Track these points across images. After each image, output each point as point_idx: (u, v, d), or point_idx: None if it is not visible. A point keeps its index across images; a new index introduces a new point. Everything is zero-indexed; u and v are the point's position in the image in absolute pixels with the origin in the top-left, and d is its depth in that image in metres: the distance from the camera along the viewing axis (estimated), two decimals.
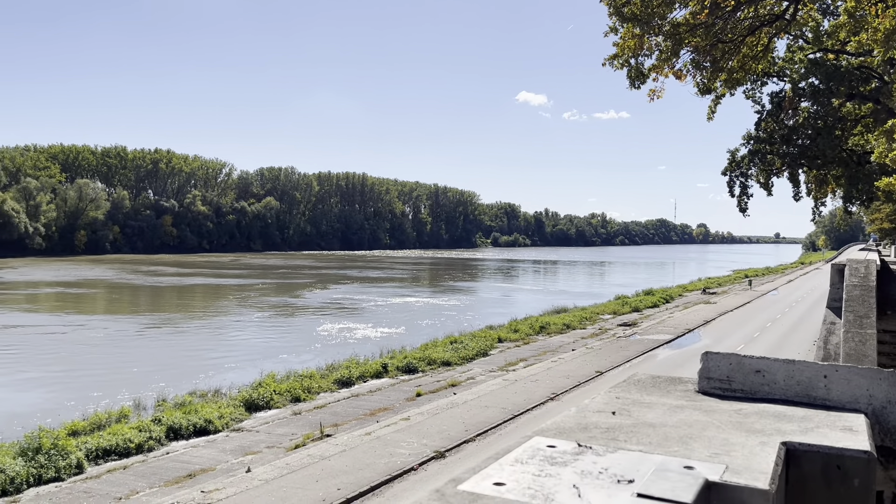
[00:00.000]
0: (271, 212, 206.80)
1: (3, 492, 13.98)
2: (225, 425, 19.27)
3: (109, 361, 31.72)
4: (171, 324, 45.39)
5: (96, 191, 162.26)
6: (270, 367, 26.33)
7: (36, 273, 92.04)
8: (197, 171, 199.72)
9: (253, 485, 13.85)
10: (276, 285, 78.28)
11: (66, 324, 43.85)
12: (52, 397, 24.26)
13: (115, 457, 16.52)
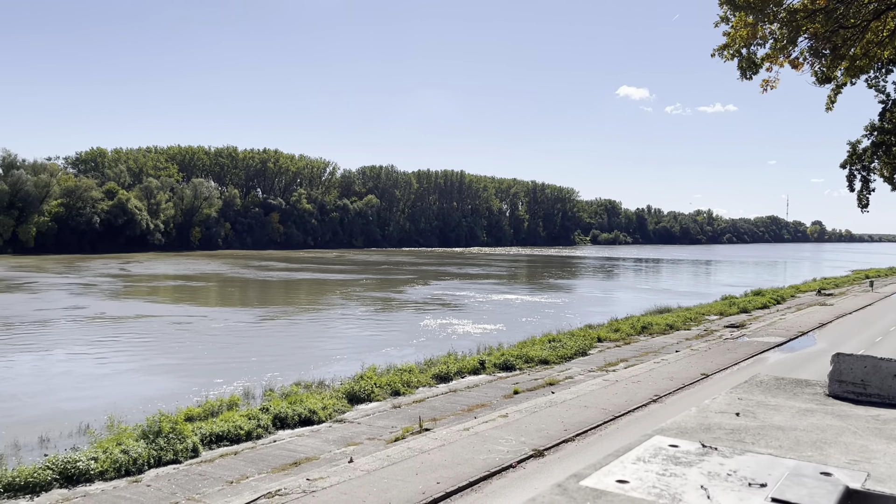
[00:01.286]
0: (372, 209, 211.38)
1: (126, 471, 14.93)
2: (328, 416, 19.83)
3: (224, 351, 33.42)
4: (281, 316, 47.28)
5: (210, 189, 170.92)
6: (372, 361, 26.92)
7: (158, 267, 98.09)
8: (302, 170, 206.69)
9: (355, 475, 14.19)
10: (379, 281, 79.99)
11: (189, 314, 46.58)
12: (172, 383, 25.76)
13: (227, 442, 17.30)
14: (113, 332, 38.80)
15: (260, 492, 13.28)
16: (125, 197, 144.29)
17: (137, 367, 29.15)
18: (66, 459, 14.70)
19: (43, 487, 13.90)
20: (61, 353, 32.22)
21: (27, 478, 13.92)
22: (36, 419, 20.34)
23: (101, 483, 14.40)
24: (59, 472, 14.34)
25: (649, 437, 1.76)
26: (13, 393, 23.87)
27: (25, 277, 75.40)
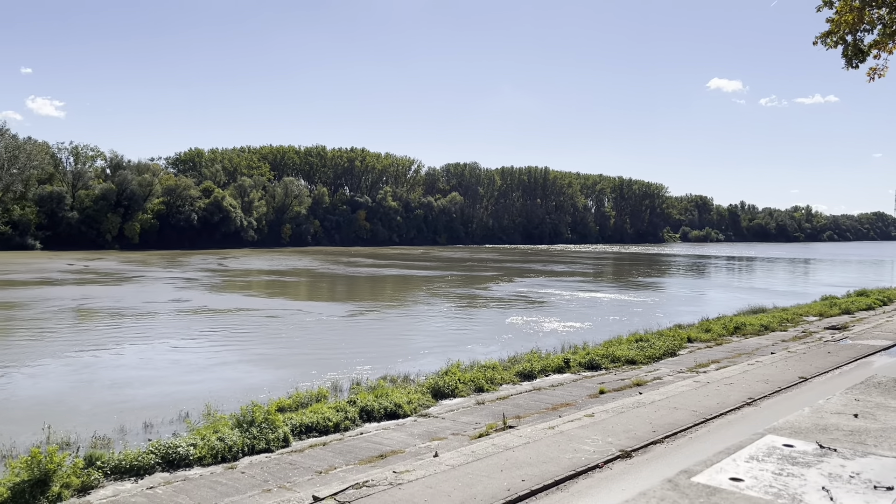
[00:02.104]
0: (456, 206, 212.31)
1: (222, 458, 15.56)
2: (413, 410, 20.05)
3: (315, 344, 34.42)
4: (369, 311, 48.25)
5: (300, 188, 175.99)
6: (456, 356, 27.05)
7: (253, 262, 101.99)
8: (388, 168, 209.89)
9: (440, 469, 14.30)
10: (463, 277, 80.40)
11: (284, 308, 48.32)
12: (266, 374, 26.70)
13: (316, 434, 17.76)
14: (214, 324, 40.61)
15: (348, 482, 13.57)
16: (221, 195, 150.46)
17: (235, 358, 30.38)
18: (167, 445, 15.46)
19: (146, 471, 14.66)
20: (168, 343, 33.98)
21: (132, 461, 14.71)
22: (141, 406, 21.50)
23: (199, 468, 15.05)
24: (162, 457, 15.09)
25: (761, 436, 1.67)
26: (124, 380, 25.31)
27: (134, 271, 79.89)
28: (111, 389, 23.92)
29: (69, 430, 17.61)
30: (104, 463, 14.52)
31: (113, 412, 20.68)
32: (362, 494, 12.86)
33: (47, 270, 78.87)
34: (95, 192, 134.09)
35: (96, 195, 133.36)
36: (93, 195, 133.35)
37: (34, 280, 66.99)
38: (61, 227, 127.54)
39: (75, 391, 23.78)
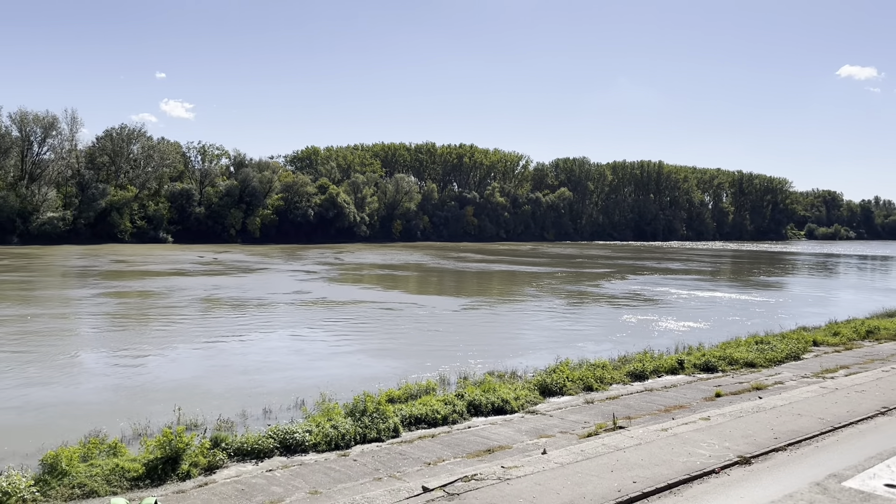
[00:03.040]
0: (564, 202, 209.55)
1: (336, 445, 16.12)
2: (520, 406, 20.01)
3: (426, 337, 35.01)
4: (478, 306, 48.55)
5: (410, 184, 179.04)
6: (565, 354, 26.75)
7: (366, 256, 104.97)
8: (496, 163, 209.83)
9: (549, 466, 14.19)
10: (573, 274, 79.33)
11: (398, 301, 49.51)
12: (378, 365, 27.42)
13: (425, 425, 18.06)
14: (332, 315, 42.12)
15: (456, 475, 13.71)
16: (335, 192, 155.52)
17: (351, 348, 31.38)
18: (285, 430, 16.17)
19: (266, 454, 15.40)
20: (290, 332, 35.55)
21: (253, 444, 15.49)
22: (264, 391, 22.60)
23: (314, 454, 15.65)
24: (280, 442, 15.81)
25: None
26: (247, 368, 26.70)
27: (257, 264, 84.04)
28: (242, 376, 25.24)
29: (197, 412, 18.76)
30: (228, 445, 15.39)
31: (241, 396, 21.85)
32: (470, 487, 12.96)
33: (180, 262, 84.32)
34: (220, 189, 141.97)
35: (221, 192, 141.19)
36: (218, 192, 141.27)
37: (169, 271, 71.83)
38: (190, 222, 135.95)
39: (209, 376, 25.28)
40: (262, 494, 13.13)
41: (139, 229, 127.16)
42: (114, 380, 24.62)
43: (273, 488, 13.45)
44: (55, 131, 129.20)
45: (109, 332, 35.22)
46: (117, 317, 40.16)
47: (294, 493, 13.18)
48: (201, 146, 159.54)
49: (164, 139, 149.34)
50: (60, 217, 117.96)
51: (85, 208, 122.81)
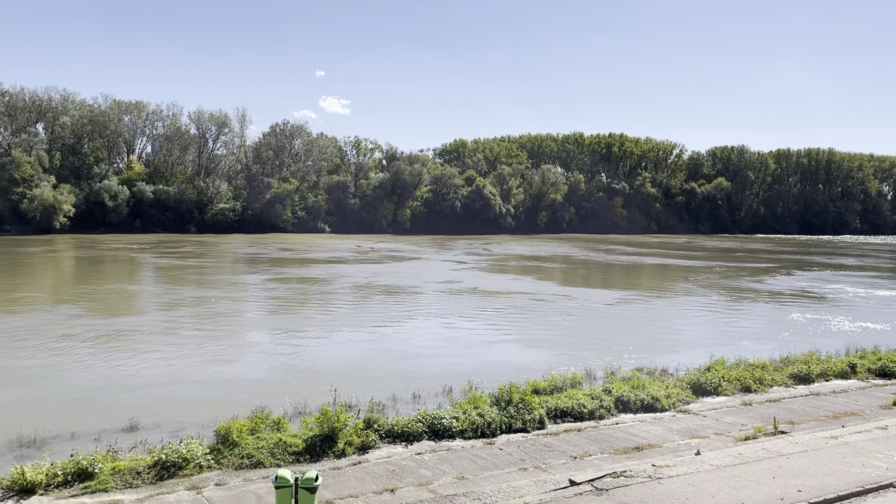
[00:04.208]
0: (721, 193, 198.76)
1: (482, 433, 16.34)
2: (671, 405, 19.29)
3: (575, 329, 34.62)
4: (629, 299, 47.19)
5: (556, 175, 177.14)
6: (720, 352, 25.45)
7: (513, 247, 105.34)
8: (647, 153, 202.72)
9: (703, 468, 13.57)
10: (733, 269, 75.14)
11: (550, 292, 49.21)
12: (525, 356, 27.49)
13: (570, 419, 17.86)
14: (484, 304, 42.61)
15: (604, 470, 13.46)
16: (482, 183, 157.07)
17: (500, 337, 31.65)
18: (433, 415, 16.60)
19: (415, 437, 15.89)
20: (442, 320, 36.35)
21: (403, 427, 16.03)
22: (412, 377, 23.32)
23: (461, 441, 15.95)
24: (428, 426, 16.25)
25: None
26: (398, 353, 27.67)
27: (409, 254, 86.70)
28: (394, 361, 26.18)
29: (350, 394, 19.69)
30: (380, 426, 16.04)
31: (392, 381, 22.68)
32: (620, 484, 12.67)
33: (339, 251, 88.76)
34: (373, 182, 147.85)
35: (374, 184, 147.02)
36: (371, 184, 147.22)
37: (330, 259, 75.83)
38: (345, 213, 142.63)
39: (365, 360, 26.40)
40: (412, 476, 13.56)
41: (299, 219, 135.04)
42: (279, 359, 26.39)
43: (422, 471, 13.86)
44: (227, 129, 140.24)
45: (278, 315, 37.79)
46: (285, 301, 42.94)
47: (442, 478, 13.51)
48: (356, 140, 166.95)
49: (323, 134, 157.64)
50: (231, 208, 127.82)
51: (252, 200, 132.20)
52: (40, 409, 18.85)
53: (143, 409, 18.74)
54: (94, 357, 25.90)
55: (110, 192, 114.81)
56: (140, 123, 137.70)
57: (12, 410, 18.52)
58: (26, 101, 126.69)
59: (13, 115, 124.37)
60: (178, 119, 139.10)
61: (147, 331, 31.39)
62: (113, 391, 21.11)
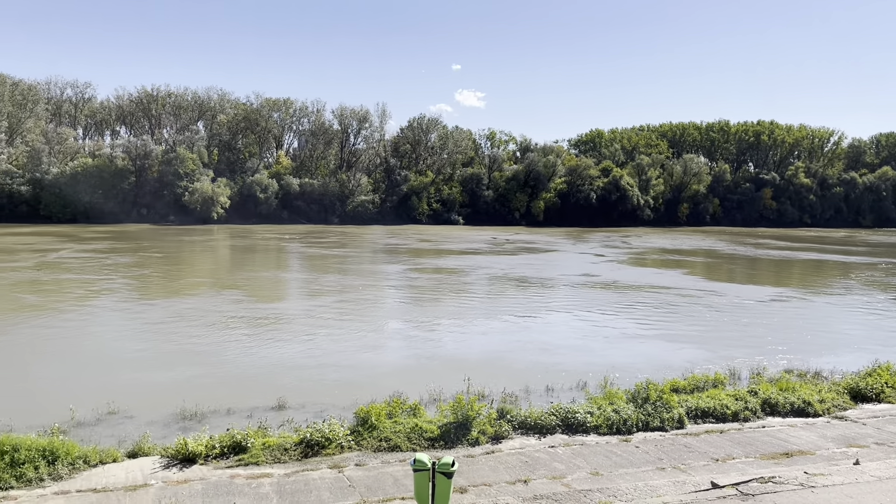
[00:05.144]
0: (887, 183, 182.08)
1: (617, 430, 15.99)
2: (825, 410, 17.99)
3: (720, 326, 33.02)
4: (783, 297, 44.19)
5: (699, 165, 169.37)
6: (885, 357, 23.37)
7: (654, 240, 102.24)
8: (801, 141, 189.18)
9: (863, 479, 12.57)
10: None
11: (697, 288, 47.42)
12: (664, 353, 26.59)
13: (712, 420, 17.10)
14: (624, 298, 41.57)
15: (749, 475, 12.78)
16: (619, 174, 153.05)
17: (639, 332, 30.79)
18: (566, 409, 16.45)
19: (548, 430, 15.81)
20: (580, 314, 35.82)
21: (536, 419, 16.00)
22: (546, 370, 23.22)
23: (595, 436, 15.70)
24: (562, 420, 16.12)
25: None
26: (540, 345, 27.61)
27: (544, 246, 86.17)
28: (529, 353, 26.16)
29: (484, 383, 19.89)
30: (513, 417, 16.09)
31: (525, 373, 22.68)
32: (768, 490, 11.99)
33: (475, 242, 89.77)
34: (507, 174, 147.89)
35: (508, 176, 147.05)
36: (505, 176, 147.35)
37: (466, 250, 76.89)
38: (479, 205, 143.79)
39: (506, 350, 26.61)
40: (545, 469, 13.52)
41: (434, 211, 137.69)
42: (416, 347, 27.13)
43: (555, 464, 13.78)
44: (367, 123, 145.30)
45: (416, 304, 38.84)
46: (424, 290, 44.01)
47: (575, 472, 13.36)
48: (490, 133, 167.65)
49: (458, 127, 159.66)
50: (370, 200, 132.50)
51: (390, 192, 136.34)
52: (202, 385, 20.48)
53: (291, 389, 19.89)
54: (251, 339, 27.83)
55: (261, 186, 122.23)
56: (287, 120, 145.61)
57: (180, 386, 20.24)
58: (189, 101, 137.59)
59: (178, 115, 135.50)
60: (321, 115, 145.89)
61: (297, 316, 33.26)
62: (265, 371, 22.57)
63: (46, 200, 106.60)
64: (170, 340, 27.00)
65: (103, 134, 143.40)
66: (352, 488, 12.40)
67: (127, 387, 20.05)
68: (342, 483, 12.63)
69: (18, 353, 24.73)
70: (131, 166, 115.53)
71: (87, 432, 15.73)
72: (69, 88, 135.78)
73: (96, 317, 31.94)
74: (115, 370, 22.27)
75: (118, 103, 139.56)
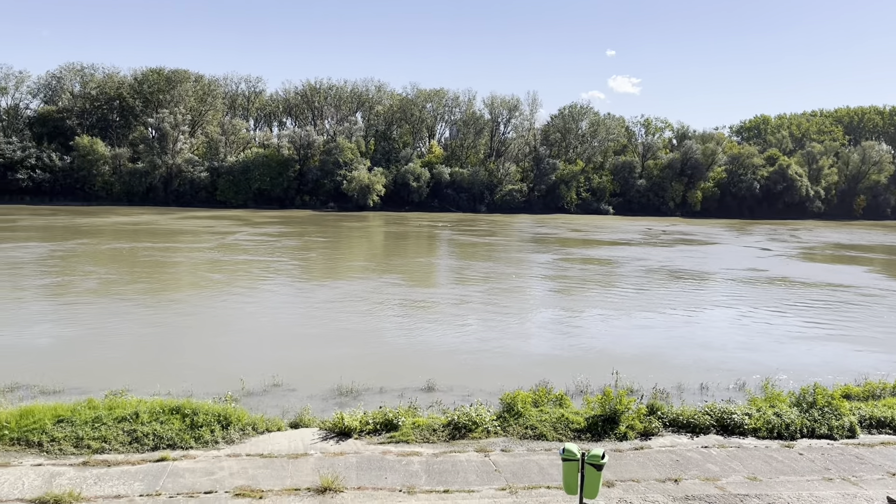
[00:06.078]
0: None
1: (778, 434, 15.05)
2: None
3: None
4: None
5: (880, 153, 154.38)
6: None
7: (826, 235, 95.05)
8: None
9: None
10: None
11: (881, 287, 43.84)
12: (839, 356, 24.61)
13: (889, 430, 15.74)
14: (794, 296, 38.78)
15: None
16: (786, 163, 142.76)
17: (809, 334, 28.65)
18: (722, 409, 15.70)
19: (702, 430, 15.18)
20: (746, 310, 33.84)
21: (689, 418, 15.41)
22: (701, 367, 22.28)
23: (753, 439, 14.89)
24: (716, 420, 15.40)
25: None
26: (697, 341, 26.63)
27: (705, 237, 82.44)
28: (692, 349, 25.25)
29: (633, 378, 19.40)
30: (664, 414, 15.58)
31: (678, 369, 21.91)
32: None
33: (628, 233, 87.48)
34: (662, 162, 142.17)
35: (662, 164, 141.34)
36: (659, 164, 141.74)
37: (618, 241, 75.11)
38: (630, 194, 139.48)
39: (659, 345, 25.83)
40: (697, 469, 13.01)
41: (583, 201, 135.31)
42: (564, 337, 26.93)
43: (708, 465, 13.23)
44: (518, 112, 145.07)
45: (567, 294, 38.52)
46: (575, 280, 43.52)
47: (731, 475, 12.75)
48: (645, 119, 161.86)
49: (610, 114, 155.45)
50: (518, 189, 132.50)
51: (538, 181, 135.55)
52: (358, 364, 21.53)
53: (440, 372, 20.45)
54: (405, 322, 28.97)
55: (414, 175, 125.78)
56: (440, 110, 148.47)
57: (338, 363, 21.41)
58: (349, 92, 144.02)
59: (338, 107, 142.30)
60: (472, 104, 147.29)
61: (450, 301, 34.06)
62: (416, 354, 23.35)
63: (222, 187, 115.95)
64: (332, 320, 28.59)
65: (271, 125, 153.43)
66: (497, 473, 12.59)
67: (291, 361, 21.48)
68: (488, 467, 12.85)
69: (201, 327, 27.21)
70: (296, 155, 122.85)
71: (255, 401, 17.04)
72: (243, 83, 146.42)
73: (269, 296, 34.41)
74: (282, 346, 23.95)
75: (285, 96, 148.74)
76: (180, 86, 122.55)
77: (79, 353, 22.29)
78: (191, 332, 26.16)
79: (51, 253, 48.18)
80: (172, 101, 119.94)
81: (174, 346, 23.90)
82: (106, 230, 68.00)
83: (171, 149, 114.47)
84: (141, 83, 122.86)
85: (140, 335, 25.13)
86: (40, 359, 20.92)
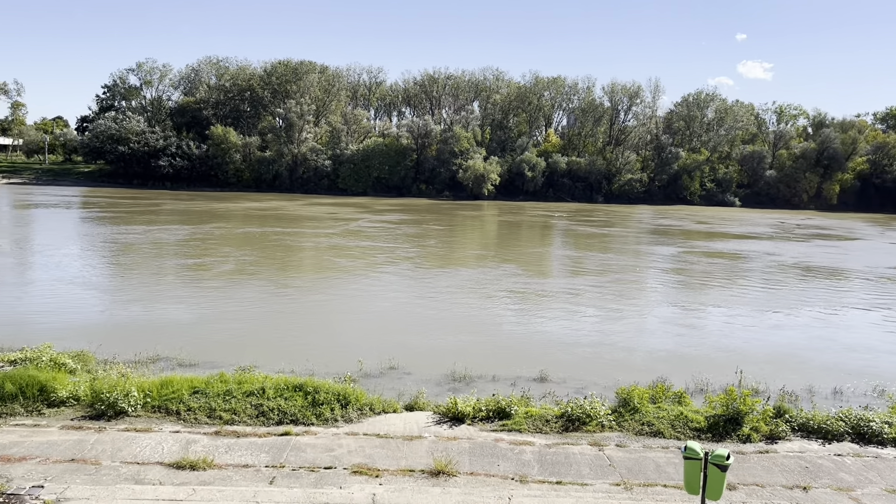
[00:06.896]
0: None
1: None
2: None
3: None
4: None
5: None
6: None
7: None
8: None
9: None
10: None
11: None
12: None
13: None
14: None
15: None
16: None
17: None
18: (858, 416, 14.68)
19: (834, 437, 14.25)
20: (894, 314, 31.74)
21: (820, 423, 14.52)
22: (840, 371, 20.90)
23: (892, 449, 13.84)
24: (852, 427, 14.41)
25: None
26: (835, 343, 25.12)
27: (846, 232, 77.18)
28: (826, 351, 23.86)
29: (759, 378, 18.47)
30: (792, 417, 14.75)
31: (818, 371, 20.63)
32: None
33: (758, 226, 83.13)
34: (795, 152, 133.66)
35: (795, 154, 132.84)
36: (792, 154, 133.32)
37: (747, 234, 71.51)
38: (759, 186, 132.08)
39: (791, 344, 24.53)
40: (829, 478, 12.24)
41: (707, 191, 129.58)
42: (686, 332, 25.97)
43: (841, 475, 12.42)
44: (639, 100, 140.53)
45: (692, 289, 37.11)
46: (702, 275, 41.75)
47: (867, 486, 11.92)
48: (777, 107, 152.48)
49: (738, 101, 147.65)
50: (638, 179, 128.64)
51: (659, 171, 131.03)
52: (473, 351, 21.73)
53: (553, 363, 20.29)
54: (521, 311, 29.07)
55: (529, 164, 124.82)
56: (558, 98, 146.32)
57: (453, 349, 21.71)
58: (466, 82, 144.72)
59: (456, 96, 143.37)
60: (591, 92, 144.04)
61: (567, 292, 33.70)
62: (530, 343, 23.28)
63: (343, 174, 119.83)
64: (450, 306, 29.03)
65: (391, 115, 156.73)
66: (612, 468, 12.37)
67: (408, 346, 21.99)
68: (602, 461, 12.65)
69: (325, 309, 28.37)
70: (413, 145, 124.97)
71: (372, 383, 17.58)
72: (365, 73, 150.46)
73: (390, 281, 35.34)
74: (399, 330, 24.56)
75: (404, 86, 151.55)
76: (306, 77, 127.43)
77: (212, 329, 23.81)
78: (315, 314, 27.31)
79: (192, 235, 51.62)
80: (299, 92, 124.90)
81: (299, 326, 25.03)
82: (238, 215, 72.01)
83: (296, 138, 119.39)
84: (270, 75, 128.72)
85: (268, 314, 26.52)
86: (179, 333, 22.51)
